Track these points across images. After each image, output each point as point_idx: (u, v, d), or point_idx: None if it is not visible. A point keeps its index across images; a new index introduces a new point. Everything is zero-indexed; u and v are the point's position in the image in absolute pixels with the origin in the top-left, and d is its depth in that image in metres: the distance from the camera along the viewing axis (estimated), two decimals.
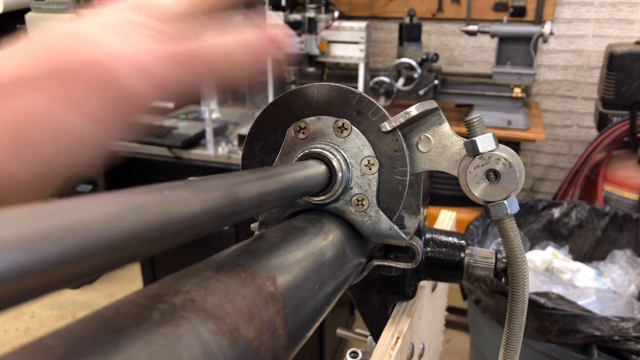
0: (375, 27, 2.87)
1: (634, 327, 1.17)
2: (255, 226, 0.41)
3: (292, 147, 0.39)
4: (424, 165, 0.39)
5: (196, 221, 0.19)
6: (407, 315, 0.51)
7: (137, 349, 0.16)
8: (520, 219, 1.84)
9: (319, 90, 0.38)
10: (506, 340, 0.42)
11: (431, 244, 0.51)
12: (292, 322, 0.25)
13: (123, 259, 0.16)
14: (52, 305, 2.59)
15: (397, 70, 2.20)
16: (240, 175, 0.25)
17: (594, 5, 2.49)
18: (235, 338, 0.20)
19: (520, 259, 0.39)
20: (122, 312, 0.18)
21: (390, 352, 0.45)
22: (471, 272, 0.50)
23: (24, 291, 0.12)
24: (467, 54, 2.77)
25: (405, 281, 0.50)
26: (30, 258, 0.12)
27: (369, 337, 0.57)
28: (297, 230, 0.33)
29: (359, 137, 0.38)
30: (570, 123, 2.71)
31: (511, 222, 0.38)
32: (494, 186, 0.37)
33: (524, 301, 0.40)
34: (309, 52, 2.00)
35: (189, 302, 0.20)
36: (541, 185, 2.85)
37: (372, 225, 0.39)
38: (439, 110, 0.39)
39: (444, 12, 2.68)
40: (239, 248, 0.28)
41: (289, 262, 0.28)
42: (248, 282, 0.24)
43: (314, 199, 0.38)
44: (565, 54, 2.61)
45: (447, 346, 2.27)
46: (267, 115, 0.39)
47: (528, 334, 1.31)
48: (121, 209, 0.16)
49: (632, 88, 2.03)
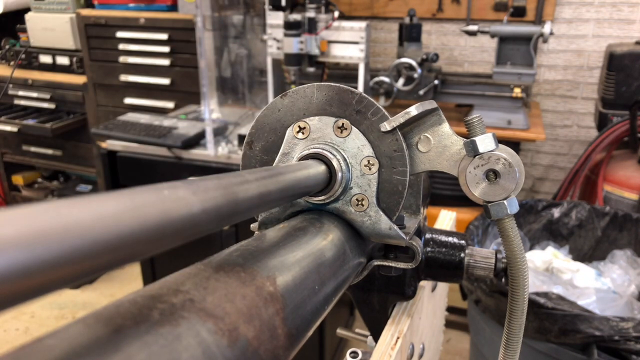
0: (375, 27, 2.86)
1: (634, 327, 1.17)
2: (255, 226, 0.41)
3: (292, 147, 0.39)
4: (423, 165, 0.39)
5: (196, 221, 0.19)
6: (407, 315, 0.51)
7: (137, 349, 0.16)
8: (520, 219, 1.84)
9: (319, 90, 0.38)
10: (506, 340, 0.42)
11: (431, 244, 0.51)
12: (292, 322, 0.25)
13: (123, 258, 0.16)
14: (52, 305, 2.60)
15: (397, 70, 2.20)
16: (240, 175, 0.25)
17: (594, 5, 2.49)
18: (235, 338, 0.20)
19: (520, 259, 0.39)
20: (122, 312, 0.18)
21: (390, 352, 0.45)
22: (471, 272, 0.50)
23: (24, 291, 0.12)
24: (467, 54, 2.77)
25: (405, 281, 0.50)
26: (30, 258, 0.12)
27: (369, 337, 0.57)
28: (297, 230, 0.33)
29: (358, 137, 0.38)
30: (570, 123, 2.71)
31: (511, 222, 0.38)
32: (494, 186, 0.37)
33: (524, 301, 0.40)
34: (309, 52, 2.00)
35: (189, 302, 0.20)
36: (541, 185, 2.85)
37: (372, 225, 0.39)
38: (439, 110, 0.39)
39: (444, 12, 2.68)
40: (239, 248, 0.28)
41: (289, 262, 0.28)
42: (248, 282, 0.24)
43: (313, 199, 0.38)
44: (565, 54, 2.61)
45: (447, 346, 2.27)
46: (267, 116, 0.39)
47: (528, 334, 1.31)
48: (121, 209, 0.16)
49: (632, 88, 2.03)
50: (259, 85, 2.30)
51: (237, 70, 2.26)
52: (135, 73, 2.60)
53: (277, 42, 2.00)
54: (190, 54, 2.45)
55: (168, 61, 2.52)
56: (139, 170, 2.00)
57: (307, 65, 2.07)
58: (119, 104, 2.68)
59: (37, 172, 3.23)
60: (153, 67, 2.56)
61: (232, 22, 2.23)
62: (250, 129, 0.40)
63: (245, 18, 2.24)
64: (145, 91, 2.63)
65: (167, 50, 2.51)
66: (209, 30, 2.15)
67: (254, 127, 0.40)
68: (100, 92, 2.73)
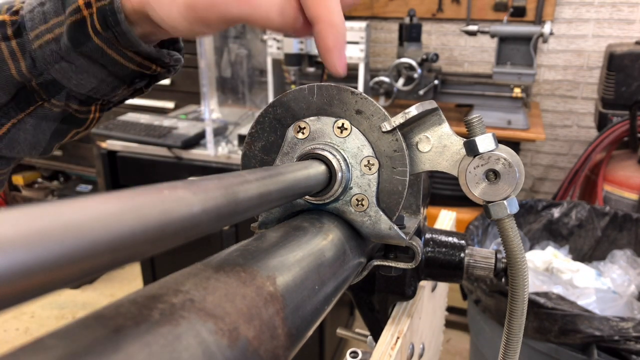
0: (375, 27, 2.87)
1: (634, 327, 1.17)
2: (255, 226, 0.41)
3: (292, 147, 0.39)
4: (423, 165, 0.39)
5: (196, 221, 0.19)
6: (407, 315, 0.51)
7: (137, 349, 0.16)
8: (520, 219, 1.84)
9: (319, 90, 0.38)
10: (506, 340, 0.42)
11: (431, 244, 0.51)
12: (292, 322, 0.25)
13: (123, 259, 0.16)
14: (52, 305, 2.60)
15: (397, 70, 2.20)
16: (240, 175, 0.25)
17: (594, 5, 2.49)
18: (235, 338, 0.20)
19: (520, 259, 0.39)
20: (122, 312, 0.18)
21: (390, 352, 0.45)
22: (471, 272, 0.50)
23: (24, 291, 0.12)
24: (467, 54, 2.77)
25: (405, 281, 0.50)
26: (30, 258, 0.12)
27: (369, 337, 0.57)
28: (297, 230, 0.33)
29: (358, 137, 0.38)
30: (570, 123, 2.71)
31: (511, 222, 0.38)
32: (494, 186, 0.37)
33: (523, 301, 0.40)
34: (309, 52, 2.00)
35: (189, 301, 0.20)
36: (541, 185, 2.85)
37: (372, 225, 0.39)
38: (439, 110, 0.39)
39: (444, 12, 2.68)
40: (238, 248, 0.28)
41: (289, 262, 0.28)
42: (248, 282, 0.24)
43: (313, 199, 0.39)
44: (565, 54, 2.61)
45: (447, 346, 2.27)
46: (267, 115, 0.39)
47: (528, 334, 1.31)
48: (121, 208, 0.16)
49: (632, 88, 2.03)
50: (259, 85, 2.30)
51: (237, 70, 2.26)
52: None
53: (277, 42, 2.00)
54: (190, 54, 2.45)
55: None
56: (139, 170, 2.00)
57: (307, 65, 2.07)
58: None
59: (37, 172, 3.24)
60: None
61: None
62: (250, 129, 0.40)
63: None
64: None
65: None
66: None
67: (254, 127, 0.40)
68: None
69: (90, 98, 0.44)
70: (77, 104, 0.44)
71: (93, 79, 0.42)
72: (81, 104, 0.44)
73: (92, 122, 0.48)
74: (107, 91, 0.44)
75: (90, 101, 0.45)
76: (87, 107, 0.45)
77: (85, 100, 0.44)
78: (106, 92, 0.44)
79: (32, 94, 0.42)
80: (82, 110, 0.45)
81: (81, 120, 0.46)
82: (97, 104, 0.46)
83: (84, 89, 0.42)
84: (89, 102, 0.45)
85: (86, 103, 0.45)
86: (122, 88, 0.44)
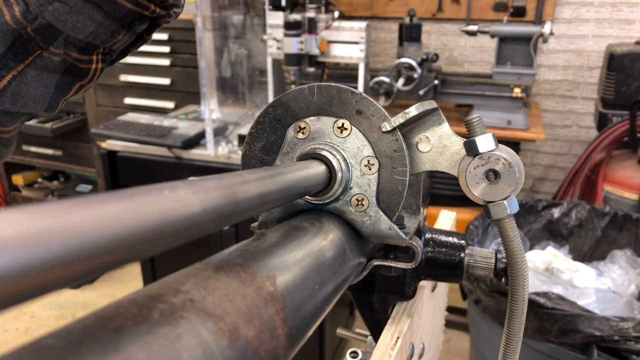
0: (375, 27, 2.86)
1: (634, 327, 1.17)
2: (255, 226, 0.41)
3: (292, 147, 0.39)
4: (423, 165, 0.39)
5: (196, 221, 0.19)
6: (407, 315, 0.51)
7: (137, 349, 0.16)
8: (520, 219, 1.84)
9: (319, 90, 0.38)
10: (506, 340, 0.42)
11: (431, 244, 0.51)
12: (292, 322, 0.25)
13: (123, 259, 0.16)
14: (52, 305, 2.60)
15: (397, 70, 2.20)
16: (240, 175, 0.25)
17: (594, 5, 2.49)
18: (235, 338, 0.20)
19: (520, 259, 0.39)
20: (122, 312, 0.18)
21: (390, 352, 0.45)
22: (471, 272, 0.50)
23: (24, 291, 0.12)
24: (467, 54, 2.77)
25: (405, 281, 0.50)
26: (30, 258, 0.12)
27: (369, 337, 0.57)
28: (297, 230, 0.33)
29: (358, 137, 0.38)
30: (570, 123, 2.71)
31: (511, 222, 0.38)
32: (494, 186, 0.37)
33: (523, 301, 0.40)
34: (309, 52, 2.00)
35: (189, 302, 0.20)
36: (541, 185, 2.85)
37: (372, 225, 0.39)
38: (439, 110, 0.39)
39: (444, 12, 2.68)
40: (239, 248, 0.28)
41: (289, 262, 0.28)
42: (248, 282, 0.24)
43: (313, 199, 0.39)
44: (565, 54, 2.61)
45: (447, 346, 2.27)
46: (267, 116, 0.39)
47: (528, 334, 1.31)
48: (121, 209, 0.16)
49: (632, 88, 2.03)
50: (259, 85, 2.30)
51: (237, 70, 2.26)
52: (136, 73, 2.60)
53: (277, 42, 2.00)
54: (190, 54, 2.45)
55: (168, 61, 2.52)
56: (139, 170, 2.00)
57: (307, 65, 2.07)
58: (119, 104, 2.68)
59: (37, 172, 3.24)
60: (153, 67, 2.56)
61: (232, 22, 2.23)
62: (250, 129, 0.40)
63: (245, 18, 2.24)
64: (145, 91, 2.63)
65: (167, 50, 2.50)
66: (209, 30, 2.15)
67: (254, 127, 0.40)
68: (100, 92, 2.73)
69: (89, 45, 0.43)
70: (77, 52, 0.43)
71: (90, 22, 0.40)
72: (81, 51, 0.43)
73: (96, 74, 0.46)
74: (106, 36, 0.42)
75: (90, 49, 0.43)
76: (89, 57, 0.44)
77: (85, 48, 0.43)
78: (105, 38, 0.42)
79: (29, 42, 0.41)
80: (83, 60, 0.44)
81: (83, 70, 0.45)
82: (98, 52, 0.44)
83: (81, 34, 0.41)
84: (89, 49, 0.43)
85: (86, 51, 0.43)
86: (122, 33, 0.43)
